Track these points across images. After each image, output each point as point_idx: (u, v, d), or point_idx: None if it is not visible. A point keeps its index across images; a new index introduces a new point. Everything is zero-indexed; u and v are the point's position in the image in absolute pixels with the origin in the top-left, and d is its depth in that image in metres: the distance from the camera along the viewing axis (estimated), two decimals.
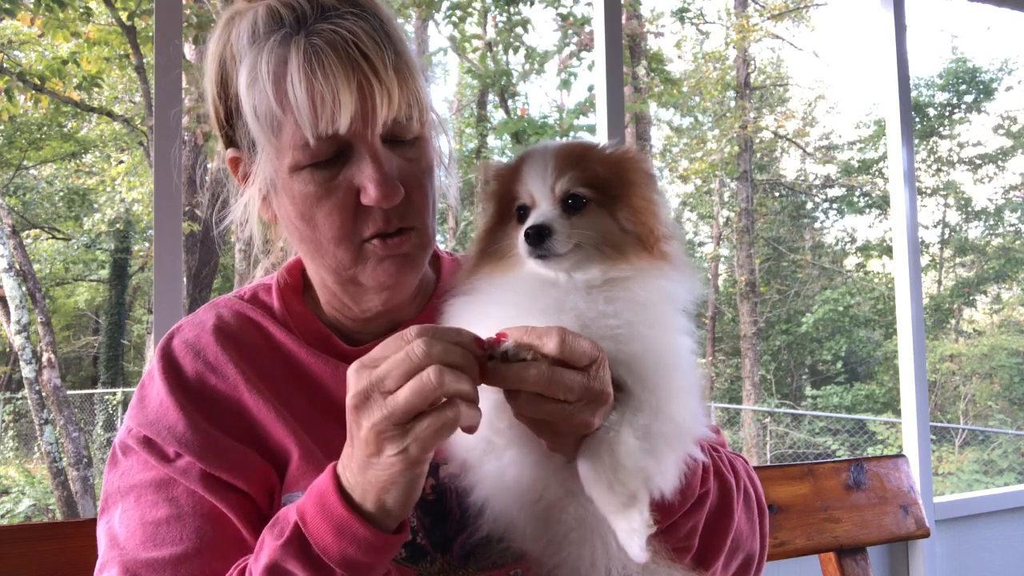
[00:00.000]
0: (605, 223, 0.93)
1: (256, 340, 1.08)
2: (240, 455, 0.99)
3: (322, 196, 0.99)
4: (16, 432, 11.75)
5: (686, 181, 16.02)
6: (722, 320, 16.12)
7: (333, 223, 0.99)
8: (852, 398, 14.20)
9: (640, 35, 12.02)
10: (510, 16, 9.97)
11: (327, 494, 0.82)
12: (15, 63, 9.30)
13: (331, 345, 1.10)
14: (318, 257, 1.04)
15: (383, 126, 0.97)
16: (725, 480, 1.03)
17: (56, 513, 8.71)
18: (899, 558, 3.23)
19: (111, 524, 0.99)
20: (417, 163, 1.04)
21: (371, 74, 0.93)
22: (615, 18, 2.89)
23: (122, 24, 8.12)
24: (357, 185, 0.98)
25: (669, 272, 0.93)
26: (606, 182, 0.94)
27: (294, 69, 0.93)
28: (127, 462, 1.01)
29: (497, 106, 10.99)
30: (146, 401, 1.03)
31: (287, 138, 0.97)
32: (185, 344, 1.07)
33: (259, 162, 1.02)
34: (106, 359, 13.19)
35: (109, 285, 13.64)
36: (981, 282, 16.15)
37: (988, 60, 16.64)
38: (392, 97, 0.95)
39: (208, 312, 1.11)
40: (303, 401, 1.05)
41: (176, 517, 0.96)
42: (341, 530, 0.80)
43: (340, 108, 0.93)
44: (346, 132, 0.95)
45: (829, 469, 1.78)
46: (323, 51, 0.93)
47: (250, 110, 0.98)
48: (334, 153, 0.98)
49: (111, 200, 12.87)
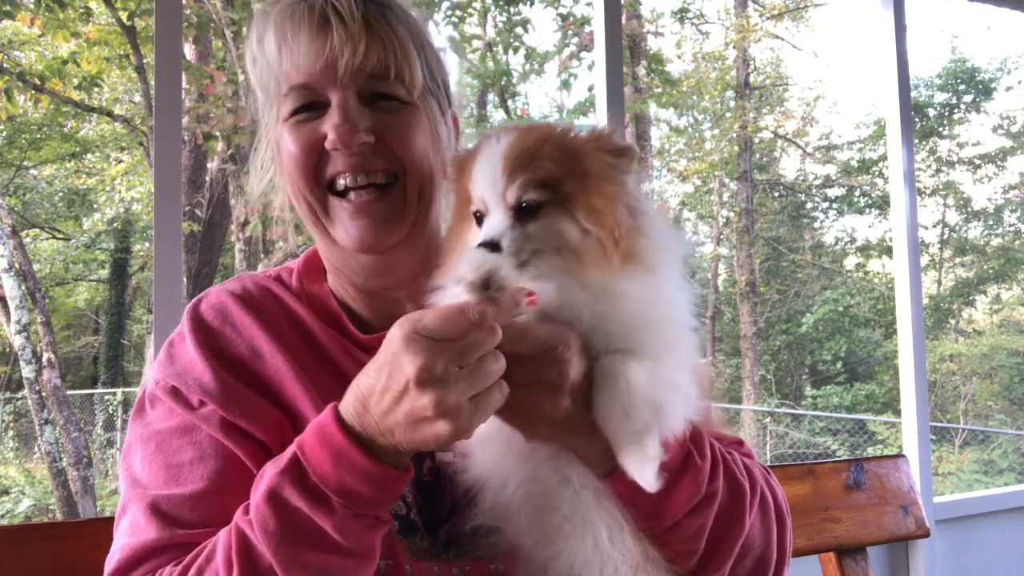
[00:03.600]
0: (563, 227, 0.85)
1: (277, 310, 1.14)
2: (259, 407, 1.03)
3: (295, 140, 1.07)
4: (16, 432, 11.74)
5: (685, 181, 16.03)
6: (722, 320, 16.11)
7: (299, 166, 1.07)
8: (852, 398, 14.20)
9: (640, 35, 12.01)
10: (510, 16, 9.96)
11: (326, 424, 0.84)
12: (15, 63, 9.30)
13: (342, 325, 1.14)
14: (298, 206, 1.11)
15: (352, 78, 1.03)
16: (737, 482, 0.99)
17: (56, 513, 8.70)
18: (899, 558, 3.23)
19: (132, 468, 1.04)
20: (399, 119, 1.07)
21: (337, 25, 1.01)
22: (615, 18, 2.89)
23: (122, 24, 8.11)
24: (324, 132, 1.05)
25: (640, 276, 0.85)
26: (562, 179, 0.86)
27: (272, 25, 1.05)
28: (153, 412, 1.06)
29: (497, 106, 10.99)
30: (175, 356, 1.08)
31: (278, 96, 1.08)
32: (211, 307, 1.13)
33: (267, 124, 1.13)
34: (106, 359, 13.17)
35: (109, 285, 13.63)
36: (981, 282, 16.15)
37: (987, 60, 16.65)
38: (356, 48, 1.01)
39: (234, 283, 1.18)
40: (318, 370, 1.09)
41: (198, 459, 1.01)
42: (339, 459, 0.81)
43: (300, 54, 1.02)
44: (308, 77, 1.03)
45: (829, 469, 1.78)
46: (298, 10, 1.03)
47: (252, 76, 1.10)
48: (311, 102, 1.06)
49: (111, 200, 12.87)
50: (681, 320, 0.91)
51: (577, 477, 0.90)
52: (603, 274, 0.84)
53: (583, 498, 0.89)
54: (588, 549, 0.88)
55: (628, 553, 0.89)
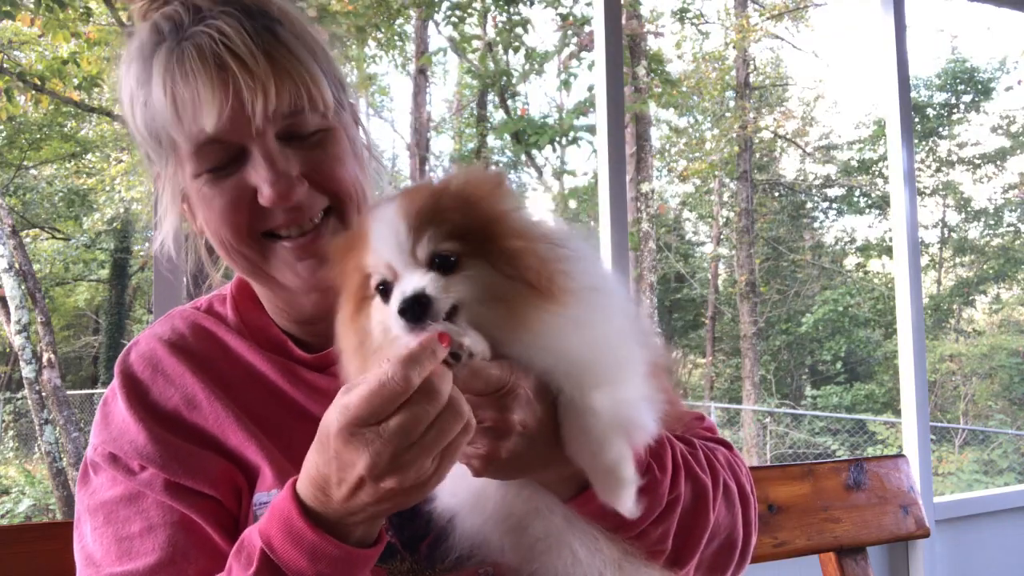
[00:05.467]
0: (486, 276, 0.80)
1: (211, 350, 1.09)
2: (202, 460, 0.99)
3: (218, 198, 0.98)
4: (16, 432, 11.75)
5: (685, 181, 16.03)
6: (722, 320, 16.12)
7: (228, 223, 0.99)
8: (852, 398, 14.21)
9: (640, 35, 12.01)
10: (510, 16, 9.97)
11: (292, 519, 0.79)
12: (15, 63, 9.30)
13: (286, 350, 1.10)
14: (232, 261, 1.05)
15: (268, 122, 0.95)
16: (700, 482, 1.00)
17: (56, 513, 8.71)
18: (899, 558, 3.23)
19: (84, 542, 1.00)
20: (325, 152, 1.01)
21: (239, 70, 0.92)
22: (615, 18, 2.88)
23: (122, 24, 8.11)
24: (252, 185, 0.97)
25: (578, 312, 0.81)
26: (469, 229, 0.81)
27: (156, 79, 0.94)
28: (97, 480, 1.02)
29: (497, 106, 10.99)
30: (109, 418, 1.04)
31: (181, 151, 0.98)
32: (141, 358, 1.08)
33: (163, 171, 1.03)
34: (106, 359, 13.18)
35: (109, 285, 13.65)
36: (981, 282, 16.15)
37: (987, 60, 16.65)
38: (267, 92, 0.92)
39: (164, 325, 1.12)
40: (262, 406, 1.05)
41: (147, 529, 0.97)
42: (313, 553, 0.78)
43: (203, 108, 0.92)
44: (217, 132, 0.93)
45: (829, 469, 1.78)
46: (186, 54, 0.93)
47: (134, 127, 1.00)
48: (227, 157, 0.97)
49: (111, 200, 12.88)
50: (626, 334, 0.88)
51: (544, 504, 0.91)
52: (539, 315, 0.79)
53: (554, 522, 0.90)
54: (567, 563, 0.89)
55: (606, 557, 0.90)
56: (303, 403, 1.06)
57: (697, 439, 1.10)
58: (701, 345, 15.44)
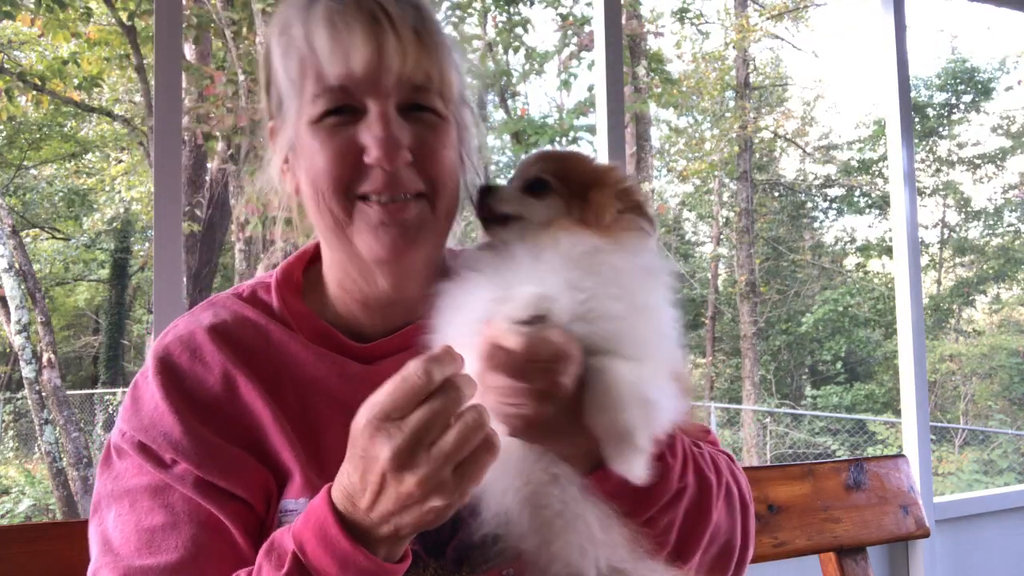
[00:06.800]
0: (558, 207, 0.99)
1: (254, 341, 1.05)
2: (237, 460, 0.97)
3: (326, 149, 0.99)
4: (16, 432, 11.75)
5: (685, 181, 16.03)
6: (722, 320, 16.11)
7: (330, 173, 0.99)
8: (852, 398, 14.21)
9: (640, 35, 12.01)
10: (510, 16, 9.96)
11: (327, 526, 0.80)
12: (15, 63, 9.31)
13: (335, 341, 1.07)
14: (319, 217, 1.03)
15: (398, 86, 0.97)
16: (705, 477, 1.02)
17: (56, 513, 8.70)
18: (899, 558, 3.23)
19: (104, 527, 0.97)
20: (435, 136, 1.02)
21: (390, 28, 0.96)
22: (615, 18, 2.88)
23: (122, 24, 8.12)
24: (362, 143, 0.98)
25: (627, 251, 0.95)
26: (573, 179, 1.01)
27: (316, 19, 0.97)
28: (121, 464, 0.99)
29: (497, 106, 10.98)
30: (140, 404, 1.00)
31: (307, 95, 0.99)
32: (180, 342, 1.03)
33: (284, 122, 1.04)
34: (106, 359, 13.19)
35: (109, 285, 13.65)
36: (981, 282, 16.16)
37: (987, 60, 16.66)
38: (407, 56, 0.96)
39: (205, 311, 1.08)
40: (301, 403, 1.03)
41: (172, 524, 0.94)
42: (344, 563, 0.79)
43: (353, 52, 0.95)
44: (351, 79, 0.96)
45: (829, 469, 1.79)
46: (346, 4, 0.97)
47: (280, 68, 1.02)
48: (346, 108, 0.99)
49: (111, 200, 12.88)
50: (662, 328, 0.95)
51: (563, 474, 0.93)
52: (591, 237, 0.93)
53: (570, 493, 0.92)
54: (583, 539, 0.91)
55: (621, 538, 0.93)
56: (345, 397, 1.01)
57: None
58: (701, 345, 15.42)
